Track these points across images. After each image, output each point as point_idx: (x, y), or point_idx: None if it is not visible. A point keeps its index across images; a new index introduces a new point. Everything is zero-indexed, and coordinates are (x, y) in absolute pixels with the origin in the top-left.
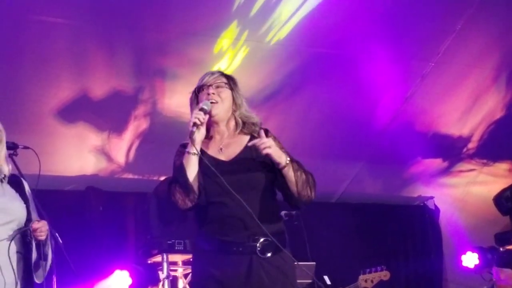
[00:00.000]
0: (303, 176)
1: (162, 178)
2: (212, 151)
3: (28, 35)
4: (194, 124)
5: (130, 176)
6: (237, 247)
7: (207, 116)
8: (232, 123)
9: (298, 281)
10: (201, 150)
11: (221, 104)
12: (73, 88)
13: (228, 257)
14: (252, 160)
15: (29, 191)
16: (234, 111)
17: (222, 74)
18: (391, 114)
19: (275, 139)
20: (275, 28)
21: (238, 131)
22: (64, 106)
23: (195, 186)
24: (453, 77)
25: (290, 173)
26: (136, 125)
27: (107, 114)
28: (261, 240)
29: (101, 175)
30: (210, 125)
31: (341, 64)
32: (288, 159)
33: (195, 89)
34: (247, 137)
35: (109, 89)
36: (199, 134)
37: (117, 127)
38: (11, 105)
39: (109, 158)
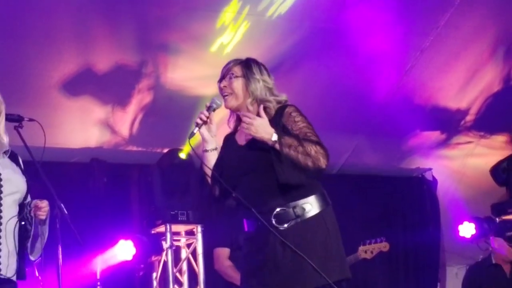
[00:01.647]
0: (300, 148)
1: (166, 150)
2: (238, 138)
3: (33, 11)
4: (196, 124)
5: (134, 148)
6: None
7: (212, 113)
8: (251, 108)
9: None
10: (228, 137)
11: (233, 96)
12: (77, 62)
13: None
14: (262, 141)
15: (22, 165)
16: (247, 99)
17: (237, 63)
18: (390, 87)
19: (290, 115)
20: (276, 3)
21: (256, 115)
22: (69, 80)
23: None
24: (451, 52)
25: (282, 150)
26: (140, 99)
27: (111, 88)
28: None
29: (105, 147)
30: (236, 114)
31: (341, 39)
32: (276, 137)
33: (218, 82)
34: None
35: (112, 63)
36: (208, 131)
37: (121, 101)
38: (17, 79)
39: (113, 130)
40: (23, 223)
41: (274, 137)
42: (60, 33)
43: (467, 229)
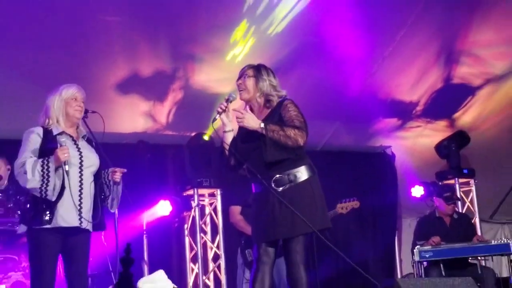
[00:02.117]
0: (281, 132)
1: (193, 134)
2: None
3: (94, 29)
4: (218, 112)
5: (170, 132)
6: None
7: (229, 104)
8: (259, 100)
9: None
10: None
11: (246, 91)
12: (127, 69)
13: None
14: (271, 120)
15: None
16: (256, 93)
17: (250, 67)
18: (360, 86)
19: (286, 106)
20: (274, 24)
21: (263, 106)
22: (121, 82)
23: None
24: (406, 59)
25: (267, 134)
26: (174, 96)
27: (152, 88)
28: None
29: (148, 132)
30: (250, 103)
31: (323, 49)
32: (263, 125)
33: (236, 80)
34: (268, 111)
35: (153, 70)
36: (226, 117)
37: (160, 97)
38: (83, 82)
39: (154, 119)
40: (100, 188)
41: (262, 125)
42: (114, 47)
43: (417, 191)
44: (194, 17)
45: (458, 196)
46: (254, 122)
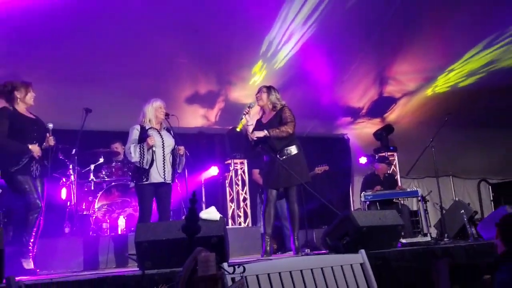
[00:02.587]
0: (277, 131)
1: (230, 127)
2: (263, 119)
3: (172, 66)
4: (244, 114)
5: (217, 126)
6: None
7: (250, 109)
8: (269, 106)
9: None
10: (258, 120)
11: (261, 100)
12: (191, 89)
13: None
14: (273, 122)
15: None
16: (267, 102)
17: (264, 86)
18: (329, 98)
19: (284, 110)
20: (277, 62)
21: (271, 110)
22: (188, 97)
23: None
24: (356, 81)
25: (270, 134)
26: (219, 105)
27: (206, 101)
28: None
29: (204, 126)
30: (263, 108)
31: (305, 77)
32: (266, 132)
33: (255, 94)
34: (274, 113)
35: (207, 90)
36: (249, 117)
37: (211, 106)
38: (166, 97)
39: (207, 119)
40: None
41: (266, 132)
42: (183, 77)
43: (362, 160)
44: (231, 58)
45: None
46: (261, 133)
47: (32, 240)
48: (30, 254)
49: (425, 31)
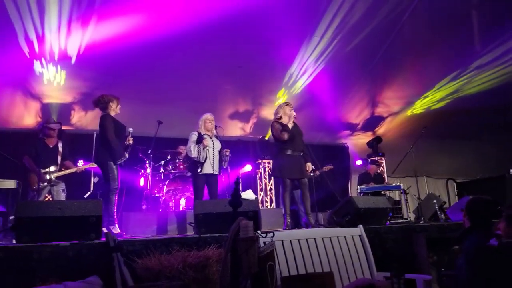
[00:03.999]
0: None
1: (260, 137)
2: (289, 125)
3: (219, 90)
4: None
5: (251, 136)
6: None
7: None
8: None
9: None
10: (284, 125)
11: (292, 111)
12: (232, 109)
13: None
14: (297, 128)
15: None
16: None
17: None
18: (333, 116)
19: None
20: (296, 89)
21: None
22: (230, 114)
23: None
24: (354, 104)
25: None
26: (252, 120)
27: (243, 117)
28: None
29: (241, 135)
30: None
31: (316, 100)
32: None
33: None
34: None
35: (244, 109)
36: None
37: (246, 120)
38: (215, 113)
39: (244, 130)
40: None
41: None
42: (227, 99)
43: (358, 162)
44: (262, 86)
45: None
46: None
47: (115, 212)
48: (116, 222)
49: (405, 66)
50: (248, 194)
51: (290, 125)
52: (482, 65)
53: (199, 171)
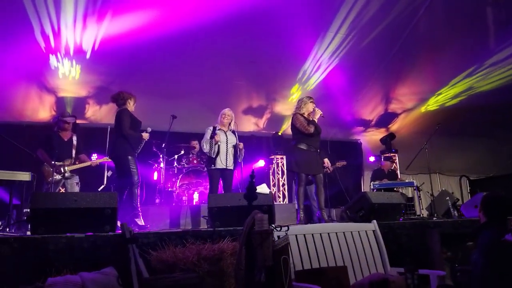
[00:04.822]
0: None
1: (274, 132)
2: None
3: (231, 86)
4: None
5: (264, 131)
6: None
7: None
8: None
9: None
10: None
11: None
12: (246, 104)
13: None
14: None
15: (236, 134)
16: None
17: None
18: (347, 112)
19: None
20: (309, 85)
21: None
22: (244, 109)
23: None
24: (367, 101)
25: None
26: (266, 115)
27: (257, 112)
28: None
29: (254, 131)
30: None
31: (330, 96)
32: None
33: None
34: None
35: (258, 104)
36: None
37: (260, 116)
38: (231, 108)
39: (257, 125)
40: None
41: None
42: (241, 94)
43: (371, 159)
44: (276, 82)
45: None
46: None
47: (139, 205)
48: (140, 214)
49: (420, 63)
50: (262, 188)
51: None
52: (497, 62)
53: (212, 166)
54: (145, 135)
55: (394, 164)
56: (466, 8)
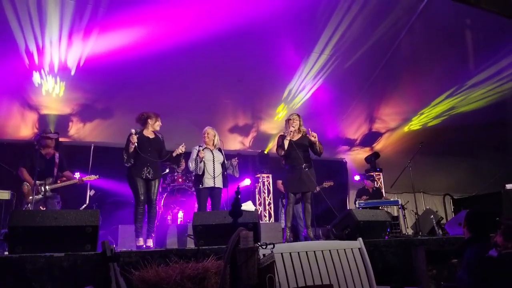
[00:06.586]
0: (319, 147)
1: (259, 150)
2: (293, 138)
3: (219, 104)
4: (291, 131)
5: (250, 149)
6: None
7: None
8: (298, 129)
9: None
10: (284, 137)
11: (296, 124)
12: (232, 123)
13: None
14: (303, 140)
15: (223, 152)
16: (299, 126)
17: (297, 114)
18: (332, 132)
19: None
20: (295, 104)
21: (298, 132)
22: (230, 128)
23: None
24: (352, 120)
25: (316, 146)
26: (252, 134)
27: (243, 130)
28: (304, 165)
29: (240, 149)
30: (291, 129)
31: (314, 116)
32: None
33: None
34: (300, 135)
35: (244, 123)
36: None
37: (246, 134)
38: (216, 127)
39: (243, 144)
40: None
41: (316, 139)
42: (230, 112)
43: (356, 177)
44: (262, 101)
45: (375, 180)
46: (313, 137)
47: (141, 225)
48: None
49: (402, 83)
50: (248, 206)
51: (293, 138)
52: (477, 83)
53: (200, 185)
54: (133, 138)
55: (379, 182)
56: (446, 31)
